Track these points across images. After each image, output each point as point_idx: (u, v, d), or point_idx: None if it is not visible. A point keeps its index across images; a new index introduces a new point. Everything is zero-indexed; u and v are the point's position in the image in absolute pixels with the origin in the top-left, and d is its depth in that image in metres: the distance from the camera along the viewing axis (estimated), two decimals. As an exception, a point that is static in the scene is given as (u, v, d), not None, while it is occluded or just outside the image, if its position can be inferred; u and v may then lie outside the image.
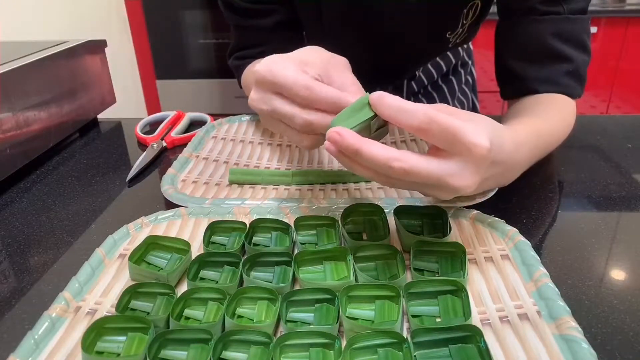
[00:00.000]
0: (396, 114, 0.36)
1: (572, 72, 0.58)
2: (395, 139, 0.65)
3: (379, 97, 0.37)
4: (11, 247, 0.47)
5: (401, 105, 0.36)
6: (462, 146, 0.35)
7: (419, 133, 0.36)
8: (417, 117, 0.35)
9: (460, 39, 0.69)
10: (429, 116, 0.35)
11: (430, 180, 0.36)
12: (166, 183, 0.54)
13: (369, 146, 0.35)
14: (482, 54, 1.32)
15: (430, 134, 0.35)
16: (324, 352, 0.32)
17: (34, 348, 0.33)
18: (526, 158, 0.48)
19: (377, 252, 0.41)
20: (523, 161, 0.48)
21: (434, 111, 0.35)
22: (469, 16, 0.65)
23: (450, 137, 0.35)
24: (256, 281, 0.38)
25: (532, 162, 0.51)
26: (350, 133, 0.36)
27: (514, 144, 0.44)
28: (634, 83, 2.19)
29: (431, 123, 0.35)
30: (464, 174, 0.36)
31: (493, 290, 0.38)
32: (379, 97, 0.37)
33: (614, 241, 0.45)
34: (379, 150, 0.35)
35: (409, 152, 0.36)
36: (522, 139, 0.46)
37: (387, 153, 0.35)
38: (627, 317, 0.36)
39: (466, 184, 0.37)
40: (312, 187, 0.54)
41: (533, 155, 0.50)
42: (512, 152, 0.43)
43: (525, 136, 0.47)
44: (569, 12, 0.57)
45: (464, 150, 0.35)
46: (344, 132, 0.36)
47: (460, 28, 0.66)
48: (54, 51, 0.68)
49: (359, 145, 0.35)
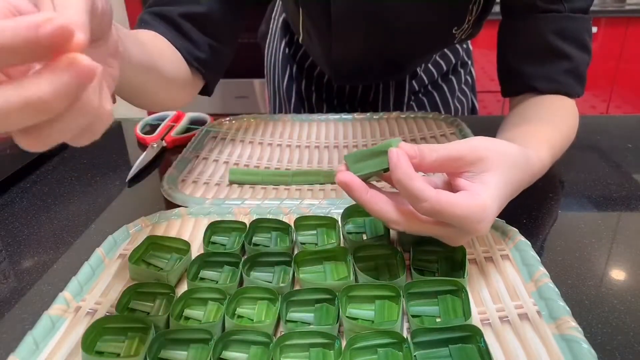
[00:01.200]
0: (404, 193, 0.34)
1: (572, 71, 0.58)
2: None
3: (396, 162, 0.34)
4: (11, 247, 0.47)
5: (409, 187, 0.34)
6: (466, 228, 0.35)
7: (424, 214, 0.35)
8: (422, 207, 0.34)
9: (465, 35, 0.70)
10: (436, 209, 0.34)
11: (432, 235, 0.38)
12: (166, 183, 0.54)
13: (372, 203, 0.36)
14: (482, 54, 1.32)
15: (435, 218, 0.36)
16: (324, 352, 0.32)
17: (34, 348, 0.33)
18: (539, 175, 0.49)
19: (377, 252, 0.41)
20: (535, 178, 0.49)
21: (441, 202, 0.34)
22: (473, 12, 0.66)
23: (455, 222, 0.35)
24: (256, 281, 0.38)
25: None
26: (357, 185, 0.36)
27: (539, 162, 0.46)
28: (634, 83, 2.19)
29: (436, 214, 0.34)
30: (458, 240, 0.38)
31: (493, 290, 0.38)
32: (396, 161, 0.34)
33: (614, 241, 0.45)
34: (380, 208, 0.36)
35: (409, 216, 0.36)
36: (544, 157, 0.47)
37: (387, 215, 0.36)
38: (627, 317, 0.36)
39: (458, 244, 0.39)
40: (312, 187, 0.54)
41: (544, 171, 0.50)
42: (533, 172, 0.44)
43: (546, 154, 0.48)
44: (570, 11, 0.57)
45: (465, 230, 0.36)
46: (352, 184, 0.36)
47: (466, 24, 0.67)
48: (54, 51, 0.68)
49: (363, 200, 0.36)
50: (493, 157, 0.37)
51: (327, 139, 0.66)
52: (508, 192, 0.39)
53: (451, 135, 0.65)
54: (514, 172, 0.39)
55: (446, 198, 0.34)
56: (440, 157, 0.36)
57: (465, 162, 0.37)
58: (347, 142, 0.65)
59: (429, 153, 0.36)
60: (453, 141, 0.38)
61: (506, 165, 0.38)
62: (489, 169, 0.37)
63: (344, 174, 0.36)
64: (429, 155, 0.36)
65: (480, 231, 0.36)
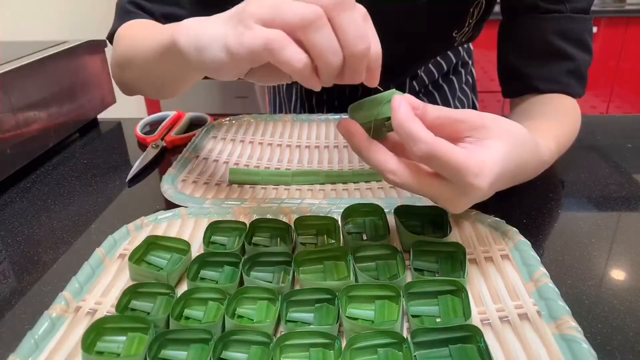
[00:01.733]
0: (404, 136, 0.34)
1: (573, 71, 0.58)
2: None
3: (395, 109, 0.34)
4: (11, 247, 0.47)
5: (408, 129, 0.34)
6: (461, 182, 0.35)
7: (420, 161, 0.35)
8: (419, 148, 0.33)
9: (465, 38, 0.70)
10: (432, 152, 0.33)
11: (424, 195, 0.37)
12: (166, 183, 0.54)
13: (370, 152, 0.36)
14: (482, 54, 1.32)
15: (432, 165, 0.35)
16: (324, 352, 0.32)
17: (34, 348, 0.33)
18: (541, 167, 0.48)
19: (377, 252, 0.41)
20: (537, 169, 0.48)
21: (437, 146, 0.33)
22: (474, 15, 0.65)
23: (451, 172, 0.34)
24: (256, 281, 0.38)
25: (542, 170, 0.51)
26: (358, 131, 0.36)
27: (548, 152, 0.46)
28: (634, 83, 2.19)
29: (432, 157, 0.33)
30: (456, 202, 0.37)
31: (493, 290, 0.38)
32: (396, 107, 0.34)
33: (614, 241, 0.45)
34: (378, 158, 0.36)
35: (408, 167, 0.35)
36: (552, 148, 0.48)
37: (385, 164, 0.35)
38: (627, 317, 0.36)
39: (456, 209, 0.38)
40: (312, 187, 0.54)
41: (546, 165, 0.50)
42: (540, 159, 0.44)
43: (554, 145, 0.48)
44: (571, 11, 0.57)
45: (462, 185, 0.35)
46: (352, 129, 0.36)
47: (467, 27, 0.67)
48: (54, 51, 0.68)
49: (361, 147, 0.36)
50: (498, 128, 0.37)
51: (327, 139, 0.66)
52: (512, 166, 0.37)
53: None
54: (520, 149, 0.38)
55: (444, 144, 0.33)
56: (443, 116, 0.35)
57: (468, 126, 0.36)
58: (347, 142, 0.65)
59: (432, 110, 0.35)
60: None
61: (511, 139, 0.37)
62: (492, 137, 0.36)
63: (345, 120, 0.36)
64: (432, 111, 0.35)
65: (478, 188, 0.34)
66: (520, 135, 0.39)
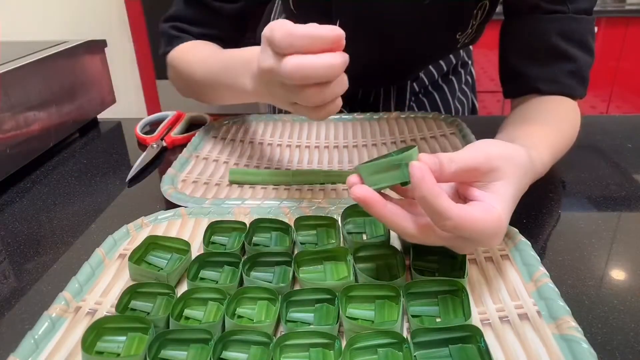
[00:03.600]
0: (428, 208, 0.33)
1: (575, 72, 0.57)
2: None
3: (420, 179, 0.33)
4: (11, 247, 0.47)
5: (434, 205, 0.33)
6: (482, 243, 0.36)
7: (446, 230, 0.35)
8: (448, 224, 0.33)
9: (468, 40, 0.70)
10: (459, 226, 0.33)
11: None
12: (166, 183, 0.54)
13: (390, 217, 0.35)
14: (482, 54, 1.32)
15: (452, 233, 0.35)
16: (324, 352, 0.32)
17: (34, 348, 0.33)
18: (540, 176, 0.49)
19: (377, 252, 0.41)
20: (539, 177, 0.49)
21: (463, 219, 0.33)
22: (477, 16, 0.65)
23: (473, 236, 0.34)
24: (256, 281, 0.38)
25: None
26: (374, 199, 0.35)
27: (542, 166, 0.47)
28: (634, 83, 2.19)
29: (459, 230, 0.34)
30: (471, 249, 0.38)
31: (493, 290, 0.38)
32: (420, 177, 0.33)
33: (614, 241, 0.45)
34: (397, 222, 0.35)
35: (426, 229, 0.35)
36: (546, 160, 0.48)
37: (404, 229, 0.35)
38: (627, 317, 0.36)
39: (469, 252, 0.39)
40: (312, 187, 0.54)
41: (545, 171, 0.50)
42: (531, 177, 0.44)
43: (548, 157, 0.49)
44: (574, 12, 0.57)
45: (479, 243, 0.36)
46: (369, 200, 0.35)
47: (470, 29, 0.67)
48: (54, 51, 0.68)
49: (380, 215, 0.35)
50: (506, 167, 0.37)
51: (327, 139, 0.66)
52: (517, 200, 0.39)
53: (451, 135, 0.65)
54: (524, 180, 0.39)
55: (468, 215, 0.33)
56: (459, 169, 0.35)
57: (480, 173, 0.36)
58: (347, 142, 0.65)
59: (448, 165, 0.35)
60: (466, 147, 0.37)
61: (518, 175, 0.38)
62: (501, 178, 0.37)
63: (359, 188, 0.35)
64: (447, 167, 0.35)
65: (494, 244, 0.36)
66: (523, 166, 0.39)
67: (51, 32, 1.55)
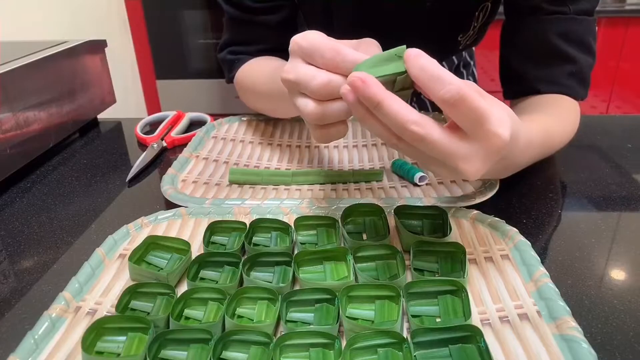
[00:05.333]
0: (428, 79, 0.32)
1: (576, 74, 0.57)
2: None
3: (416, 56, 0.33)
4: (11, 247, 0.47)
5: (436, 72, 0.32)
6: (483, 132, 0.33)
7: (445, 106, 0.33)
8: (449, 89, 0.31)
9: (470, 41, 0.69)
10: (461, 93, 0.31)
11: (439, 156, 0.34)
12: (166, 183, 0.54)
13: (392, 101, 0.32)
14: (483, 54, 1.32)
15: (456, 111, 0.33)
16: (324, 352, 0.32)
17: (34, 348, 0.33)
18: (533, 156, 0.48)
19: (377, 252, 0.41)
20: (529, 158, 0.48)
21: (466, 88, 0.32)
22: (479, 18, 0.65)
23: (475, 119, 0.32)
24: (256, 281, 0.38)
25: (537, 160, 0.51)
26: (375, 82, 0.33)
27: (526, 141, 0.43)
28: (634, 83, 2.19)
29: (461, 100, 0.31)
30: (474, 160, 0.34)
31: (493, 290, 0.38)
32: (416, 55, 0.33)
33: (614, 241, 0.45)
34: (400, 108, 0.32)
35: (429, 119, 0.33)
36: (533, 137, 0.46)
37: (409, 114, 0.32)
38: (627, 317, 0.36)
39: (473, 171, 0.35)
40: (312, 187, 0.54)
41: (539, 153, 0.50)
42: (522, 149, 0.42)
43: (537, 134, 0.47)
44: (575, 13, 0.57)
45: (483, 136, 0.33)
46: (369, 80, 0.32)
47: (472, 30, 0.66)
48: (54, 51, 0.68)
49: (382, 97, 0.32)
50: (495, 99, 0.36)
51: (327, 139, 0.66)
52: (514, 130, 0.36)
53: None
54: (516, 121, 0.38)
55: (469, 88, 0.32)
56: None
57: None
58: (347, 142, 0.65)
59: None
60: None
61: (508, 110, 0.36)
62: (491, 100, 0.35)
63: (356, 73, 0.33)
64: None
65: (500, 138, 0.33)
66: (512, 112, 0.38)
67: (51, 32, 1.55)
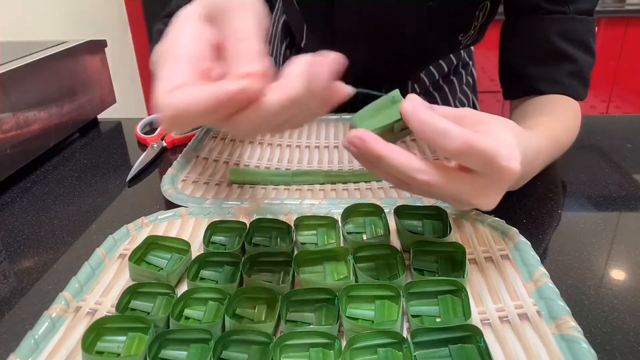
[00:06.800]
0: (430, 134, 0.32)
1: (576, 73, 0.57)
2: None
3: (413, 110, 0.32)
4: (11, 247, 0.47)
5: (437, 126, 0.32)
6: (495, 170, 0.33)
7: (452, 157, 0.33)
8: (454, 143, 0.31)
9: (470, 41, 0.69)
10: (467, 142, 0.31)
11: (452, 195, 0.34)
12: (166, 183, 0.54)
13: (393, 154, 0.33)
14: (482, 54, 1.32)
15: (464, 159, 0.33)
16: (324, 352, 0.32)
17: (34, 348, 0.33)
18: (541, 165, 0.48)
19: (377, 252, 0.41)
20: (537, 168, 0.48)
21: (471, 136, 0.31)
22: (479, 18, 0.65)
23: (485, 161, 0.32)
24: (256, 281, 0.38)
25: (545, 167, 0.51)
26: (373, 138, 0.33)
27: (535, 152, 0.43)
28: (634, 83, 2.19)
29: (467, 149, 0.31)
30: (487, 194, 0.35)
31: (493, 290, 0.38)
32: (412, 109, 0.32)
33: (614, 241, 0.45)
34: (403, 159, 0.33)
35: (434, 164, 0.33)
36: (542, 146, 0.46)
37: (412, 164, 0.33)
38: (627, 317, 0.36)
39: (488, 203, 0.35)
40: (312, 187, 0.54)
41: (547, 161, 0.49)
42: (532, 161, 0.42)
43: (544, 142, 0.47)
44: (575, 12, 0.57)
45: (495, 174, 0.33)
46: (367, 137, 0.33)
47: (472, 30, 0.66)
48: (54, 51, 0.68)
49: (382, 153, 0.33)
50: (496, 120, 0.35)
51: (327, 139, 0.66)
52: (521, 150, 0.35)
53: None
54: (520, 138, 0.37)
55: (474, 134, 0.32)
56: (448, 114, 0.34)
57: (470, 121, 0.34)
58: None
59: (437, 108, 0.34)
60: None
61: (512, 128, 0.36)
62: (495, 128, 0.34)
63: (355, 130, 0.33)
64: (437, 109, 0.34)
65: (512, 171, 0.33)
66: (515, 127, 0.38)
67: (51, 32, 1.55)
